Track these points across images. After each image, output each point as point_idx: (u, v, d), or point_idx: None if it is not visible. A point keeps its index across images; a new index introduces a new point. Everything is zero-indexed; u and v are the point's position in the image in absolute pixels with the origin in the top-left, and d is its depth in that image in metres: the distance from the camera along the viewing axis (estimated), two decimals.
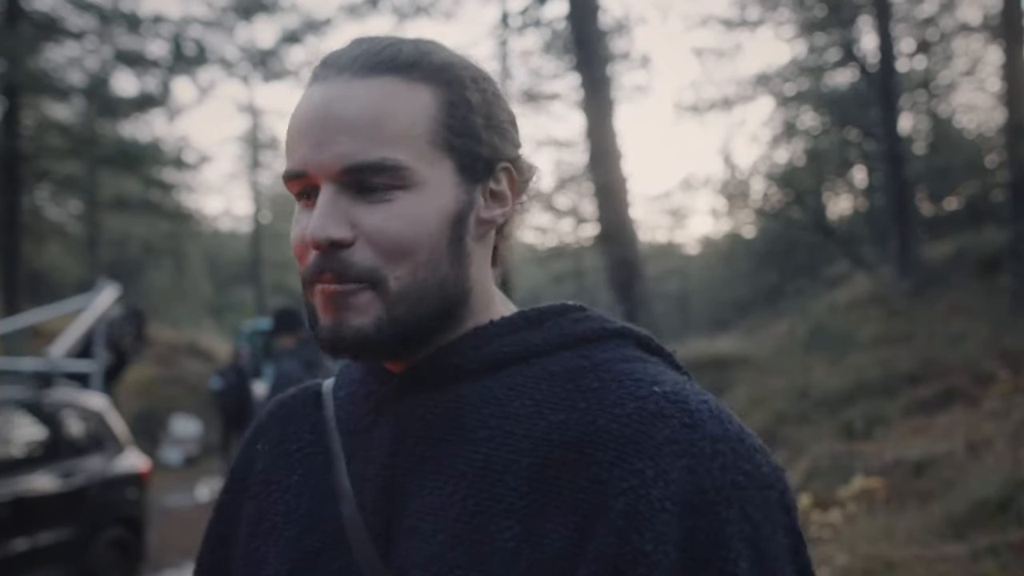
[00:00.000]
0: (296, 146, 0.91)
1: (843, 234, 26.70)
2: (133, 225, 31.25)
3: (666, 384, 0.89)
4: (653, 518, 0.79)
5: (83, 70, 19.54)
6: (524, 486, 0.86)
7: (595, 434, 0.85)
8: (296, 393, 1.15)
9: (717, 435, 0.84)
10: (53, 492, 6.54)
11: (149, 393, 17.83)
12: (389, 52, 0.93)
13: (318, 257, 0.89)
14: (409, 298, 0.90)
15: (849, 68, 23.98)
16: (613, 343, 0.96)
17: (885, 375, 11.32)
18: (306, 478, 1.03)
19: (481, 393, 0.93)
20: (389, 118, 0.90)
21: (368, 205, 0.89)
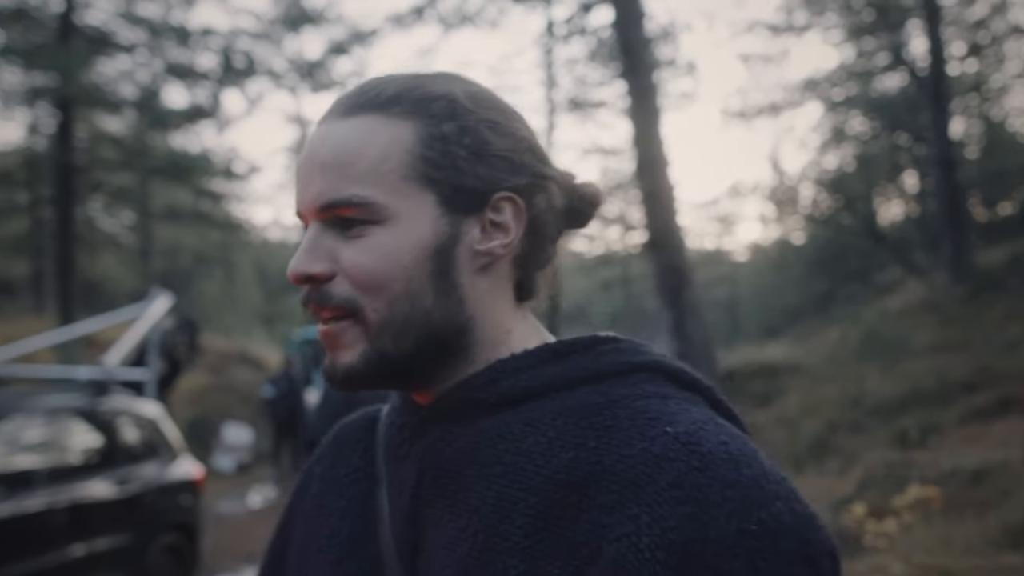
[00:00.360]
0: (296, 186, 0.96)
1: (895, 240, 26.40)
2: (184, 235, 31.67)
3: (681, 424, 0.84)
4: (640, 568, 0.76)
5: (134, 83, 19.85)
6: (529, 525, 0.84)
7: (600, 475, 0.83)
8: (356, 418, 1.17)
9: (729, 480, 0.78)
10: (109, 499, 6.63)
11: (201, 401, 18.02)
12: (375, 91, 0.95)
13: (306, 291, 0.93)
14: (390, 330, 0.91)
15: (899, 72, 23.71)
16: (638, 377, 0.92)
17: (939, 383, 11.16)
18: (352, 503, 1.05)
19: (499, 428, 0.92)
20: (357, 156, 0.91)
21: (346, 241, 0.91)
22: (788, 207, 30.16)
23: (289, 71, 27.01)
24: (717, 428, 0.84)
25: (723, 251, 49.39)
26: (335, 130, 0.93)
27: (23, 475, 5.98)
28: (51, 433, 6.36)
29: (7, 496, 5.65)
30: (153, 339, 9.79)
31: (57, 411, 6.52)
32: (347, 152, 0.91)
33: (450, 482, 0.92)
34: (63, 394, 6.93)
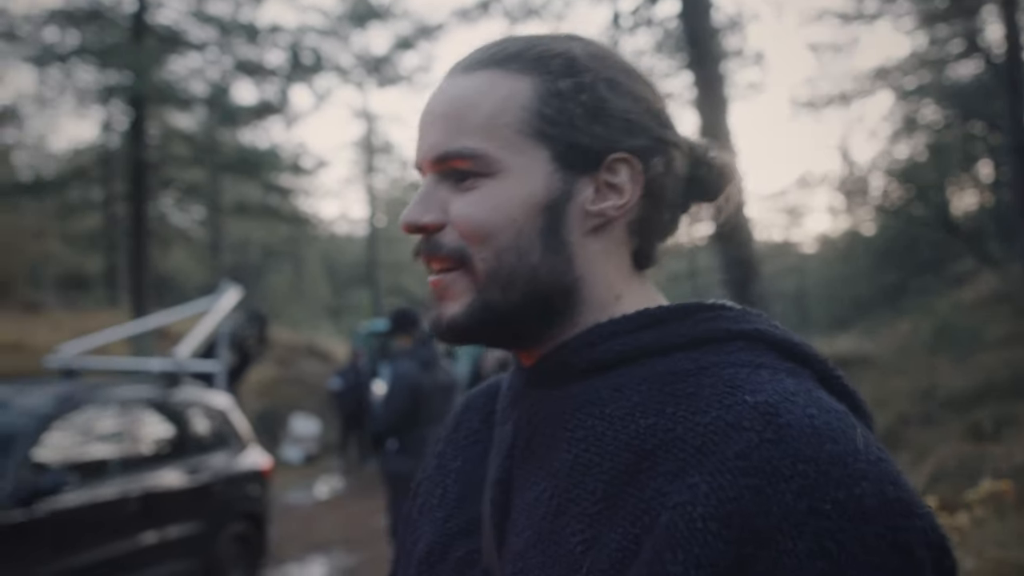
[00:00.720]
0: (416, 139, 0.98)
1: (968, 231, 25.83)
2: (253, 230, 32.17)
3: (763, 393, 0.80)
4: (691, 538, 0.73)
5: (205, 80, 20.14)
6: (600, 491, 0.83)
7: (671, 443, 0.80)
8: (486, 385, 1.19)
9: (804, 454, 0.73)
10: (180, 488, 6.76)
11: (270, 393, 18.28)
12: (496, 48, 0.96)
13: (418, 241, 0.95)
14: (497, 281, 0.91)
15: (973, 59, 23.16)
16: (735, 345, 0.88)
17: (1014, 375, 10.91)
18: (466, 464, 1.08)
19: (587, 392, 0.91)
20: (472, 109, 0.92)
21: (458, 193, 0.93)
22: (858, 198, 29.67)
23: (356, 66, 27.26)
24: (808, 400, 0.79)
25: (791, 243, 48.93)
26: (454, 84, 0.95)
27: (97, 464, 6.14)
28: (124, 424, 6.50)
29: (82, 484, 5.79)
30: (223, 332, 9.95)
31: (130, 402, 6.66)
32: (463, 105, 0.93)
33: (540, 445, 0.93)
34: (136, 385, 7.07)
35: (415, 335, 6.67)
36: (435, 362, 6.60)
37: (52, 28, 17.97)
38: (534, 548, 0.86)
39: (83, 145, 26.74)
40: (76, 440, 6.08)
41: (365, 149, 33.79)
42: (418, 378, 6.36)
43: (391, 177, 37.77)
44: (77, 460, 5.96)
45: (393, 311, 6.97)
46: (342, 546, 9.43)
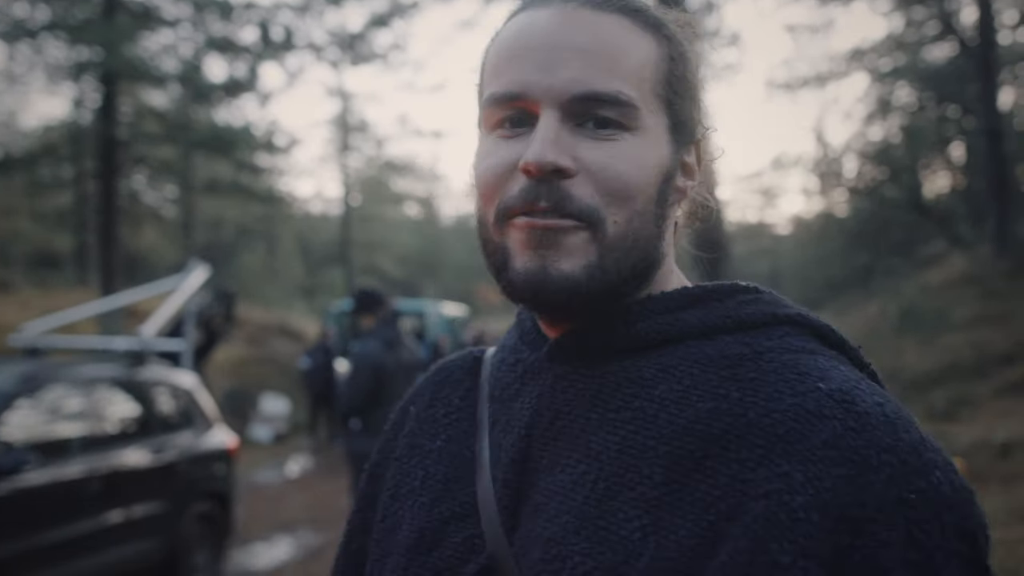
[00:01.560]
0: (511, 68, 0.87)
1: (939, 213, 26.04)
2: (226, 208, 32.01)
3: (834, 381, 0.80)
4: (794, 527, 0.72)
5: (177, 57, 19.96)
6: (659, 476, 0.80)
7: (744, 429, 0.78)
8: (456, 358, 1.14)
9: (886, 444, 0.74)
10: (145, 467, 6.74)
11: (240, 372, 18.24)
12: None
13: (531, 185, 0.84)
14: (622, 247, 0.85)
15: (948, 42, 23.29)
16: (782, 330, 0.88)
17: (977, 356, 11.05)
18: (448, 444, 1.02)
19: (629, 372, 0.88)
20: (624, 54, 0.86)
21: (591, 141, 0.85)
22: (832, 179, 29.89)
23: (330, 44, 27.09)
24: (871, 388, 0.80)
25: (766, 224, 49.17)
26: (588, 19, 0.87)
27: (61, 443, 6.11)
28: (88, 402, 6.47)
29: (46, 463, 5.77)
30: (190, 310, 9.91)
31: (94, 381, 6.63)
32: (612, 46, 0.86)
33: (570, 424, 0.88)
34: (100, 364, 7.04)
35: (379, 314, 6.67)
36: (399, 341, 6.60)
37: (22, 3, 17.76)
38: (576, 534, 0.81)
39: (53, 122, 26.38)
40: (40, 419, 6.05)
41: (340, 127, 33.64)
42: (381, 358, 6.36)
43: (366, 156, 37.66)
44: (40, 439, 5.93)
45: (358, 291, 6.97)
46: (309, 525, 9.45)
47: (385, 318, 6.70)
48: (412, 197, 53.83)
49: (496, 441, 0.95)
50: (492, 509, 0.90)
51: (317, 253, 43.21)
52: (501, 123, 0.89)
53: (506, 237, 0.88)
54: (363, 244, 37.33)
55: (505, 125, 0.88)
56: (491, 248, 0.90)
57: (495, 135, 0.89)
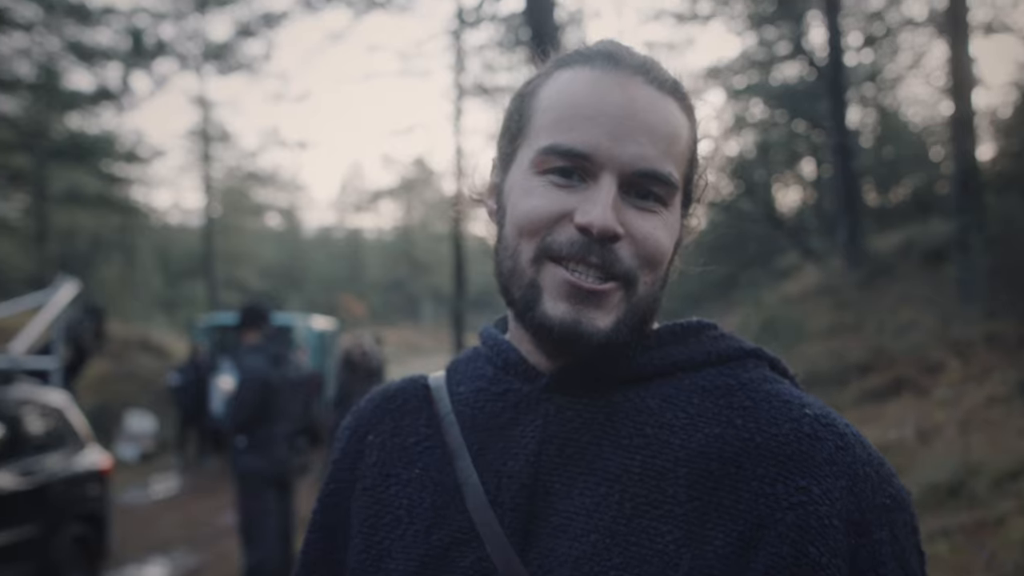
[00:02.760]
0: (583, 127, 0.94)
1: (793, 226, 27.00)
2: (82, 219, 30.82)
3: (813, 407, 0.96)
4: (825, 533, 0.86)
5: (32, 62, 19.24)
6: (683, 494, 0.91)
7: (755, 450, 0.92)
8: (401, 385, 1.18)
9: (864, 458, 0.91)
10: (14, 490, 6.49)
11: (102, 389, 17.64)
12: (670, 75, 1.00)
13: (586, 241, 0.92)
14: (644, 305, 0.97)
15: (798, 61, 24.23)
16: (751, 363, 1.02)
17: (835, 365, 11.52)
18: (427, 472, 1.05)
19: (634, 402, 0.98)
20: (678, 139, 0.97)
21: (637, 211, 0.95)
22: None
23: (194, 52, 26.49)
24: (833, 410, 0.98)
25: None
26: (656, 101, 0.96)
27: None
28: None
29: None
30: (59, 327, 9.59)
31: None
32: (672, 131, 0.96)
33: (580, 451, 0.97)
34: None
35: (264, 330, 6.61)
36: (285, 357, 6.56)
37: None
38: (608, 550, 0.90)
39: None
40: None
41: (201, 137, 32.89)
42: (268, 373, 6.31)
43: (227, 166, 36.90)
44: None
45: (243, 305, 6.88)
46: (183, 546, 9.26)
47: (269, 333, 6.65)
48: (274, 208, 52.97)
49: (491, 468, 1.00)
50: (497, 532, 0.96)
51: (177, 265, 42.05)
52: (554, 170, 0.95)
53: (541, 276, 0.96)
54: (225, 256, 36.51)
55: (554, 173, 0.95)
56: (519, 280, 0.97)
57: (545, 178, 0.96)
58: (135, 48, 19.15)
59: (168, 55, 20.57)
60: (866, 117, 29.58)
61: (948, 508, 5.73)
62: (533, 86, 1.02)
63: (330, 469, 1.17)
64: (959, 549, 5.09)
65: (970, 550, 5.06)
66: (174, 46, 21.11)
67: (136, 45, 19.19)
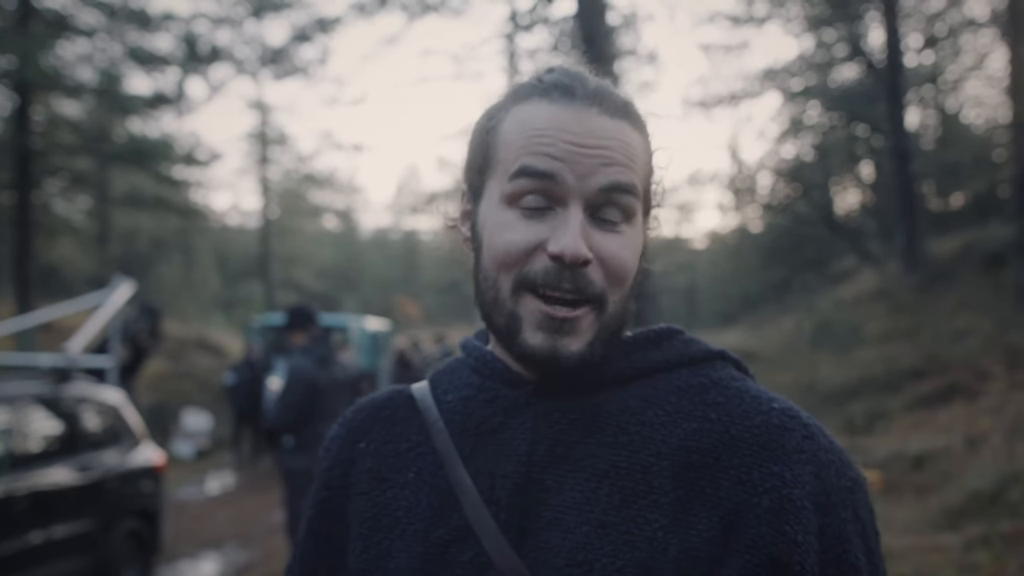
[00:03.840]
0: (548, 155, 0.99)
1: (850, 229, 26.71)
2: (143, 221, 31.38)
3: (778, 401, 1.03)
4: (798, 513, 0.93)
5: (94, 67, 19.61)
6: (667, 484, 0.98)
7: (730, 442, 0.99)
8: (390, 395, 1.23)
9: (826, 446, 0.99)
10: (71, 485, 6.65)
11: (160, 387, 17.96)
12: (621, 99, 1.05)
13: (558, 269, 0.98)
14: (614, 322, 1.03)
15: (856, 63, 23.97)
16: (719, 364, 1.09)
17: (889, 370, 11.39)
18: (420, 476, 1.11)
19: (616, 403, 1.05)
20: (636, 158, 1.03)
21: (602, 232, 1.00)
22: (746, 196, 30.44)
23: (251, 57, 26.86)
24: (794, 404, 1.04)
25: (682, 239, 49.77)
26: (610, 127, 1.01)
27: None
28: (11, 420, 6.37)
29: None
30: (115, 326, 9.79)
31: (18, 398, 6.52)
32: (630, 151, 1.02)
33: (568, 450, 1.03)
34: (25, 381, 6.93)
35: (311, 331, 6.70)
36: (331, 358, 6.64)
37: None
38: (600, 540, 0.97)
39: None
40: None
41: (259, 141, 33.31)
42: (314, 374, 6.39)
43: (285, 169, 37.30)
44: None
45: (290, 307, 6.97)
46: (235, 542, 9.39)
47: (316, 335, 6.73)
48: (331, 210, 53.41)
49: (483, 469, 1.06)
50: (492, 529, 1.02)
51: (235, 266, 42.59)
52: (523, 196, 1.01)
53: (519, 306, 1.02)
54: (282, 257, 36.93)
55: (520, 201, 1.01)
56: (501, 310, 1.03)
57: (516, 210, 1.01)
58: (190, 54, 19.42)
59: (223, 60, 20.79)
60: (926, 119, 29.18)
61: (989, 515, 5.65)
62: (495, 120, 1.07)
63: (321, 477, 1.21)
64: (999, 557, 5.01)
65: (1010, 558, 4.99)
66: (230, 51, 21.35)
67: (190, 51, 19.46)
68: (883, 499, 6.13)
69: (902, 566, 4.76)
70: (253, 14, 24.43)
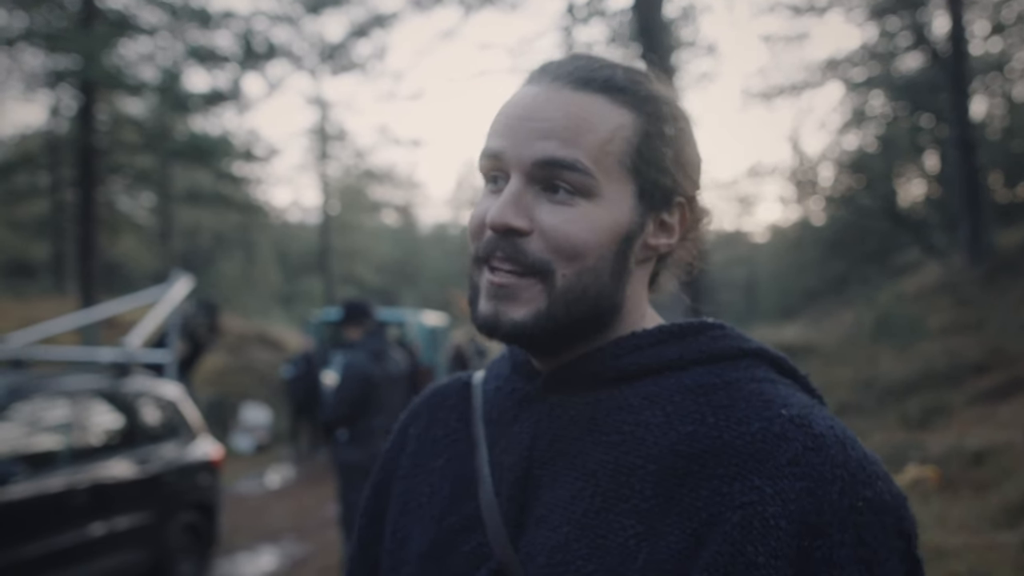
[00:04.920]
0: (498, 132, 1.00)
1: (914, 221, 26.25)
2: (204, 217, 31.89)
3: (794, 407, 0.93)
4: (767, 533, 0.84)
5: (155, 66, 19.91)
6: (649, 490, 0.92)
7: (720, 449, 0.91)
8: (448, 383, 1.26)
9: (838, 460, 0.87)
10: (129, 478, 6.76)
11: (220, 381, 18.19)
12: (604, 73, 1.01)
13: (493, 239, 0.98)
14: (568, 296, 0.97)
15: (920, 52, 23.50)
16: (746, 362, 1.01)
17: (951, 364, 11.15)
18: (450, 462, 1.13)
19: (617, 399, 1.00)
20: (589, 129, 0.97)
21: (549, 204, 0.97)
22: (808, 188, 30.07)
23: (309, 53, 27.09)
24: (822, 412, 0.94)
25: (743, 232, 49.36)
26: (565, 97, 0.98)
27: (45, 455, 6.12)
28: (73, 414, 6.48)
29: (31, 475, 5.78)
30: (174, 321, 9.92)
31: (79, 392, 6.64)
32: (580, 122, 0.97)
33: (566, 447, 1.00)
34: (85, 376, 7.04)
35: (366, 326, 6.73)
36: (385, 353, 6.66)
37: None
38: (578, 541, 0.93)
39: (30, 130, 26.30)
40: (25, 431, 6.06)
41: (318, 136, 33.61)
42: (369, 369, 6.42)
43: (344, 164, 37.61)
44: (26, 451, 5.95)
45: (345, 302, 7.01)
46: (292, 535, 9.47)
47: (371, 329, 6.76)
48: (390, 205, 53.78)
49: (497, 460, 1.06)
50: (497, 521, 1.02)
51: (295, 262, 43.09)
52: (488, 178, 1.02)
53: (478, 279, 1.01)
54: (342, 252, 37.26)
55: (490, 181, 1.02)
56: (471, 284, 1.03)
57: (487, 188, 1.03)
58: (247, 51, 19.62)
59: (281, 57, 20.99)
60: (993, 108, 28.54)
61: None
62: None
63: (380, 460, 1.26)
64: None
65: None
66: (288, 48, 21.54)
67: (247, 48, 19.66)
68: (939, 496, 6.00)
69: (957, 564, 4.64)
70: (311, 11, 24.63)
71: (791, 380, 1.02)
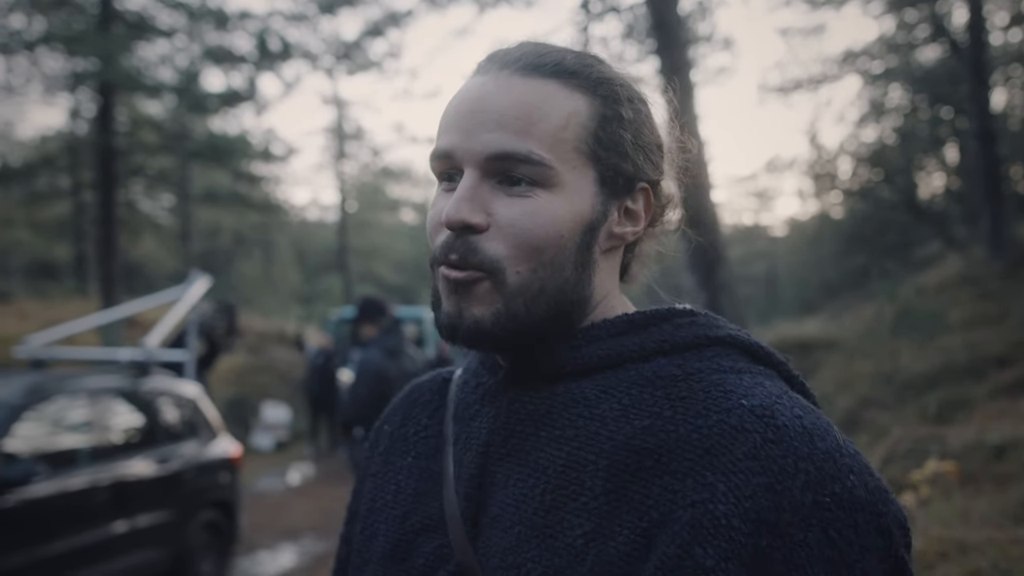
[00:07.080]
0: (447, 129, 0.95)
1: (934, 214, 26.07)
2: (223, 217, 32.02)
3: (756, 397, 0.87)
4: (717, 534, 0.79)
5: (174, 67, 19.99)
6: (599, 487, 0.87)
7: (674, 443, 0.86)
8: (427, 380, 1.22)
9: (802, 453, 0.82)
10: (150, 477, 6.81)
11: (241, 380, 18.25)
12: (553, 57, 0.97)
13: (448, 238, 0.93)
14: (526, 294, 0.92)
15: (939, 44, 23.34)
16: (713, 351, 0.95)
17: (972, 358, 11.06)
18: (417, 460, 1.09)
19: (574, 393, 0.95)
20: (541, 117, 0.93)
21: (507, 198, 0.92)
22: (826, 181, 29.90)
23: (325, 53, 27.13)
24: (791, 401, 0.88)
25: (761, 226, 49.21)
26: (514, 85, 0.94)
27: (67, 454, 6.17)
28: (93, 413, 6.54)
29: (52, 474, 5.83)
30: (192, 321, 9.98)
31: (99, 392, 6.69)
32: (531, 110, 0.92)
33: (521, 442, 0.95)
34: (105, 375, 7.10)
35: (380, 324, 6.74)
36: (401, 350, 6.68)
37: (18, 15, 17.80)
38: (528, 542, 0.89)
39: (50, 132, 26.54)
40: (46, 430, 6.11)
41: (335, 135, 33.69)
42: (383, 366, 6.43)
43: (361, 163, 37.71)
44: (47, 450, 6.00)
45: (360, 300, 7.03)
46: (312, 533, 9.51)
47: (386, 327, 6.78)
48: (408, 203, 53.86)
49: (458, 458, 1.02)
50: (457, 521, 0.98)
51: (314, 260, 43.18)
52: (441, 177, 0.98)
53: (437, 280, 0.97)
54: (360, 251, 37.36)
55: (444, 179, 0.98)
56: (431, 287, 0.99)
57: (441, 187, 0.99)
58: (262, 51, 19.67)
59: (297, 57, 21.03)
60: (1014, 100, 28.29)
61: None
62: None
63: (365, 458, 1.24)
64: None
65: None
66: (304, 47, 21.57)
67: (263, 48, 19.70)
68: (961, 491, 5.96)
69: (979, 559, 4.60)
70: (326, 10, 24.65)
71: (770, 368, 0.97)
